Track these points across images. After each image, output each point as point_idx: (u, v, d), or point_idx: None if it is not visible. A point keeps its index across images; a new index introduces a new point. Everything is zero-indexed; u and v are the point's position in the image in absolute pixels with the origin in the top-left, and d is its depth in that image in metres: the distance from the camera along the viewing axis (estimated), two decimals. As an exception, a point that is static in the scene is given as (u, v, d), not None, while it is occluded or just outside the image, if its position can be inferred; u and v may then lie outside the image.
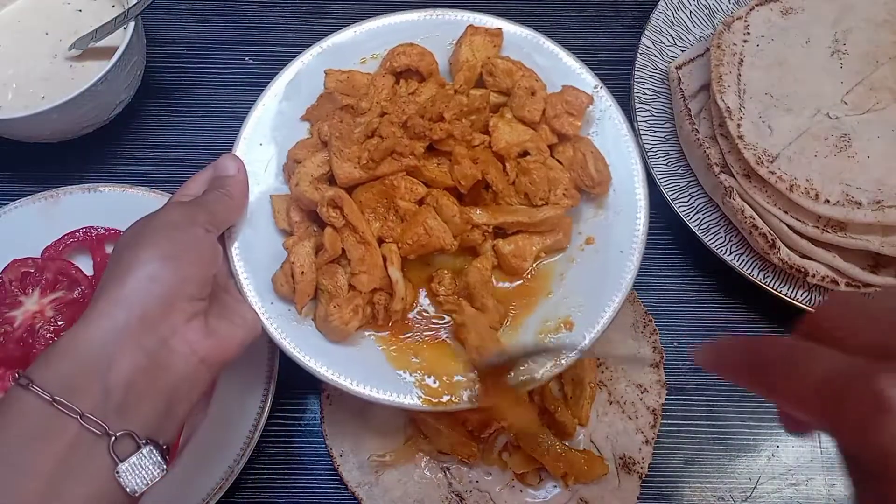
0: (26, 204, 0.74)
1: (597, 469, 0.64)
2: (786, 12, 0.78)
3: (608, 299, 0.59)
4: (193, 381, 0.49)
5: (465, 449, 0.65)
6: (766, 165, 0.70)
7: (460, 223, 0.59)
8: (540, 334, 0.60)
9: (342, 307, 0.57)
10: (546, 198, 0.61)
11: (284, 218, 0.62)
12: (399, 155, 0.59)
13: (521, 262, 0.61)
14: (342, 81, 0.65)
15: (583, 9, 0.92)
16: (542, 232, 0.62)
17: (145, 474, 0.45)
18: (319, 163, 0.61)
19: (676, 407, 0.71)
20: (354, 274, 0.58)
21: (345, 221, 0.59)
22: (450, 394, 0.57)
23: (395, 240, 0.59)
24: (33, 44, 0.79)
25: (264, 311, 0.59)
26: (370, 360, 0.59)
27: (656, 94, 0.81)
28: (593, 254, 0.62)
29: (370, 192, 0.60)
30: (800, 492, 0.68)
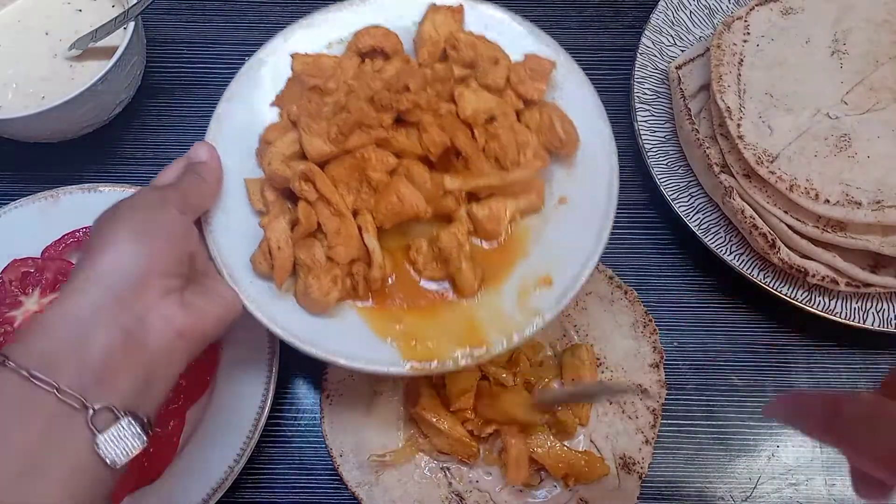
0: (26, 204, 0.74)
1: (597, 470, 0.64)
2: (786, 12, 0.78)
3: (586, 253, 0.60)
4: (171, 355, 0.50)
5: (465, 449, 0.65)
6: (766, 165, 0.70)
7: (432, 189, 0.60)
8: (520, 294, 0.60)
9: (320, 278, 0.58)
10: (516, 161, 0.62)
11: (259, 199, 0.63)
12: (368, 127, 0.60)
13: (495, 226, 0.62)
14: (309, 64, 0.66)
15: (583, 9, 0.92)
16: (514, 194, 0.62)
17: (125, 446, 0.45)
18: (290, 142, 0.62)
19: (676, 407, 0.71)
20: (331, 246, 0.59)
21: (318, 195, 0.59)
22: (437, 358, 0.57)
23: (370, 210, 0.60)
24: (33, 44, 0.79)
25: (244, 290, 0.59)
26: (353, 330, 0.59)
27: (656, 94, 0.81)
28: (567, 212, 0.63)
29: (342, 167, 0.60)
30: (800, 492, 0.68)
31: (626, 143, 0.83)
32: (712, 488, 0.69)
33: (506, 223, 0.62)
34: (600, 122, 0.65)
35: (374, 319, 0.60)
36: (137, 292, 0.48)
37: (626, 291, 0.73)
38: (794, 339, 0.74)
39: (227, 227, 0.61)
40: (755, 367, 0.73)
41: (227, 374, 0.68)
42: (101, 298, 0.47)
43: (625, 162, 0.81)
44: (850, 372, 0.73)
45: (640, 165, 0.79)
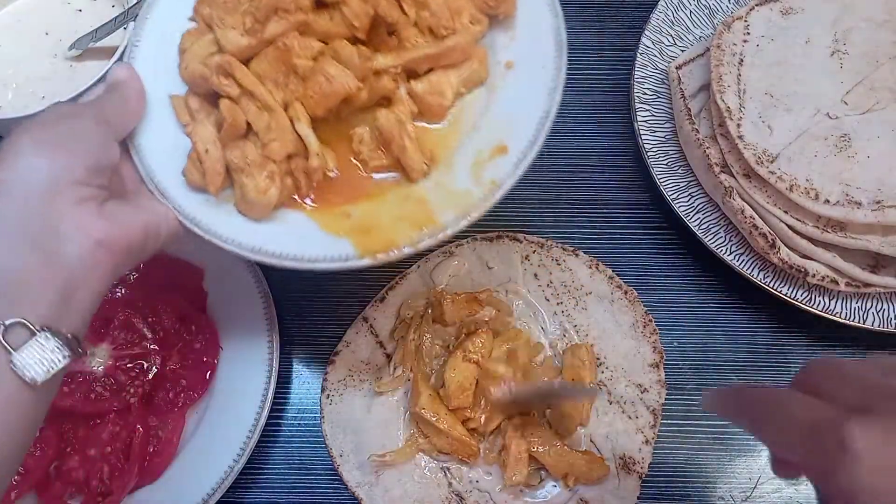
0: (26, 204, 0.74)
1: (597, 470, 0.64)
2: (786, 12, 0.78)
3: (540, 113, 0.56)
4: (91, 265, 0.47)
5: (465, 449, 0.65)
6: (766, 165, 0.70)
7: (361, 63, 0.56)
8: (474, 167, 0.56)
9: (255, 175, 0.54)
10: (451, 27, 0.58)
11: (185, 111, 0.59)
12: (285, 13, 0.56)
13: (439, 100, 0.58)
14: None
15: (583, 9, 0.92)
16: (455, 65, 0.59)
17: (44, 361, 0.42)
18: (207, 43, 0.58)
19: (676, 407, 0.71)
20: (265, 143, 0.55)
21: (240, 89, 0.56)
22: (394, 246, 0.53)
23: (299, 98, 0.56)
24: (33, 44, 0.79)
25: (179, 206, 0.55)
26: (302, 231, 0.56)
27: (656, 93, 0.81)
28: (515, 76, 0.59)
29: (265, 62, 0.56)
30: (800, 492, 0.68)
31: (626, 143, 0.83)
32: (712, 488, 0.69)
33: (450, 96, 0.59)
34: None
35: (323, 217, 0.56)
36: (47, 202, 0.45)
37: (626, 291, 0.73)
38: (794, 339, 0.74)
39: (156, 146, 0.57)
40: (755, 367, 0.73)
41: (227, 374, 0.68)
42: (5, 210, 0.44)
43: (625, 162, 0.82)
44: (850, 372, 0.73)
45: (641, 165, 0.79)
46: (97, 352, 0.67)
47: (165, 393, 0.67)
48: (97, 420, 0.66)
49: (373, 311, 0.73)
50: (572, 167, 0.82)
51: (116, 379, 0.67)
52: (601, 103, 0.86)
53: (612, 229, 0.79)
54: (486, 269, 0.74)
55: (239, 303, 0.70)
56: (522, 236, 0.75)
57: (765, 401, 0.40)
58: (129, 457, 0.64)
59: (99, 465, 0.64)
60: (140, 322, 0.69)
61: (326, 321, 0.75)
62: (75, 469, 0.64)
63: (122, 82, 0.56)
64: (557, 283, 0.73)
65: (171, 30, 0.61)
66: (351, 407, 0.69)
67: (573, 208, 0.80)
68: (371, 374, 0.70)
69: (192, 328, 0.69)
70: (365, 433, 0.68)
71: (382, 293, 0.73)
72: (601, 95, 0.87)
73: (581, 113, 0.83)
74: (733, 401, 0.43)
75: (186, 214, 0.55)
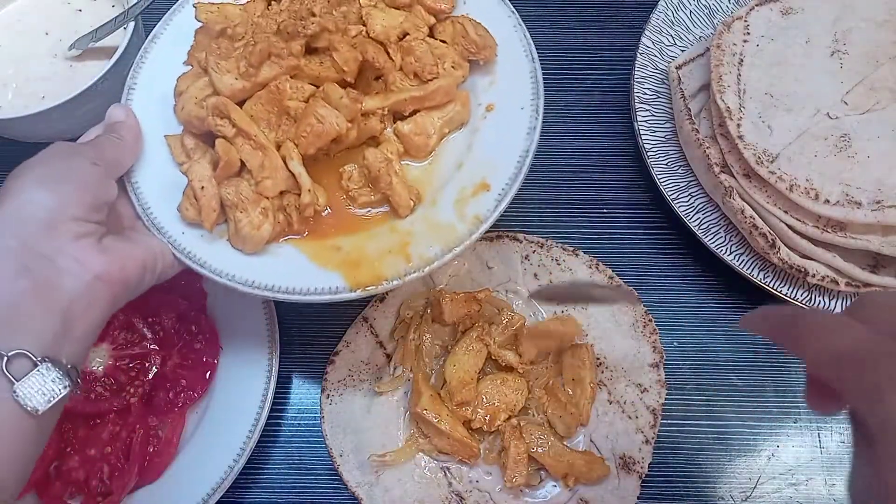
0: (26, 204, 0.74)
1: (597, 470, 0.64)
2: (786, 12, 0.78)
3: (519, 152, 0.59)
4: (90, 298, 0.48)
5: (465, 449, 0.65)
6: (766, 165, 0.70)
7: (350, 105, 0.59)
8: (458, 203, 0.59)
9: (249, 211, 0.57)
10: (435, 72, 0.62)
11: (181, 151, 0.62)
12: (278, 58, 0.59)
13: (424, 140, 0.61)
14: (214, 13, 0.64)
15: (583, 9, 0.92)
16: (439, 106, 0.62)
17: (45, 391, 0.44)
18: (202, 86, 0.61)
19: (676, 407, 0.71)
20: (258, 181, 0.58)
21: (235, 129, 0.58)
22: (383, 279, 0.56)
23: (291, 139, 0.59)
24: (33, 44, 0.79)
25: (175, 241, 0.58)
26: (293, 264, 0.58)
27: (656, 93, 0.81)
28: (496, 118, 0.63)
29: (258, 104, 0.60)
30: (800, 492, 0.68)
31: (627, 143, 0.83)
32: (712, 488, 0.69)
33: (434, 136, 0.62)
34: (512, 26, 0.65)
35: (313, 250, 0.59)
36: (46, 236, 0.47)
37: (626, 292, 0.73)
38: (794, 339, 0.74)
39: (152, 184, 0.60)
40: (755, 367, 0.73)
41: (227, 374, 0.68)
42: (6, 245, 0.46)
43: (625, 162, 0.82)
44: (850, 372, 0.73)
45: (641, 165, 0.79)
46: (97, 352, 0.68)
47: (165, 393, 0.67)
48: (97, 420, 0.66)
49: (373, 311, 0.73)
50: (572, 167, 0.82)
51: (116, 379, 0.67)
52: (601, 103, 0.86)
53: (612, 229, 0.79)
54: (486, 268, 0.74)
55: (239, 303, 0.70)
56: (522, 236, 0.75)
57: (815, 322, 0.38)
58: (129, 457, 0.64)
59: (99, 465, 0.64)
60: (140, 322, 0.69)
61: (326, 321, 0.75)
62: (75, 469, 0.64)
63: (121, 123, 0.59)
64: (557, 283, 0.73)
65: (167, 73, 0.65)
66: (351, 407, 0.69)
67: (573, 208, 0.80)
68: (371, 374, 0.70)
69: (192, 328, 0.69)
70: (365, 433, 0.68)
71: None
72: (601, 95, 0.87)
73: (581, 113, 0.83)
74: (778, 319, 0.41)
75: (182, 249, 0.58)
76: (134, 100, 0.64)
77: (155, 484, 0.64)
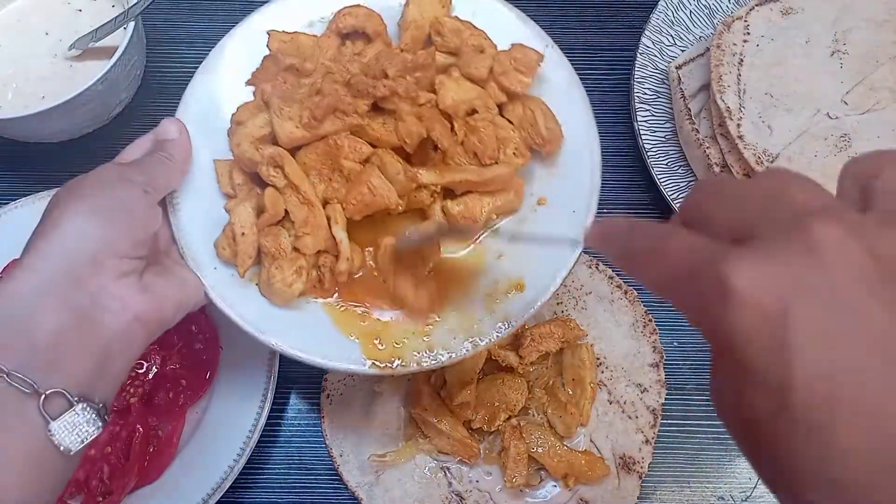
0: (26, 204, 0.74)
1: (598, 470, 0.64)
2: (786, 12, 0.78)
3: (559, 261, 0.57)
4: (127, 339, 0.48)
5: (465, 449, 0.65)
6: (766, 165, 0.70)
7: (405, 181, 0.57)
8: (489, 295, 0.58)
9: (284, 269, 0.56)
10: (495, 157, 0.59)
11: (228, 182, 0.60)
12: (342, 113, 0.58)
13: (471, 223, 0.60)
14: (286, 42, 0.63)
15: (583, 9, 0.92)
16: (492, 192, 0.60)
17: (79, 432, 0.44)
18: (261, 124, 0.60)
19: (676, 407, 0.71)
20: (298, 236, 0.57)
21: (286, 181, 0.57)
22: (400, 359, 0.56)
23: (340, 201, 0.58)
24: (33, 43, 0.79)
25: (206, 277, 0.57)
26: (316, 324, 0.58)
27: (656, 93, 0.81)
28: (545, 214, 0.61)
29: (314, 154, 0.58)
30: (800, 492, 0.68)
31: (626, 143, 0.83)
32: (712, 488, 0.69)
33: (481, 221, 0.60)
34: (587, 121, 0.62)
35: (338, 315, 0.58)
36: (91, 273, 0.47)
37: (626, 291, 0.73)
38: (794, 339, 0.74)
39: (193, 209, 0.59)
40: (755, 367, 0.73)
41: (227, 375, 0.68)
42: (50, 277, 0.45)
43: (625, 162, 0.82)
44: (850, 372, 0.73)
45: (641, 165, 0.79)
46: None
47: (165, 393, 0.67)
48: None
49: None
50: (572, 167, 0.82)
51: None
52: (601, 103, 0.86)
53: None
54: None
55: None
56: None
57: (641, 235, 0.33)
58: (129, 457, 0.64)
59: (99, 465, 0.64)
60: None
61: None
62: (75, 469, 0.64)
63: (172, 141, 0.57)
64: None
65: (225, 89, 0.63)
66: (351, 407, 0.69)
67: (573, 208, 0.80)
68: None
69: (192, 328, 0.69)
70: (365, 433, 0.68)
71: None
72: (601, 95, 0.86)
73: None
74: (610, 233, 0.36)
75: (213, 287, 0.57)
76: (188, 113, 0.62)
77: (155, 484, 0.64)
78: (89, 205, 0.49)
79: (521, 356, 0.68)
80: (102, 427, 0.45)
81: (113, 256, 0.48)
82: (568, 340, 0.69)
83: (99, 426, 0.45)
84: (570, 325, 0.69)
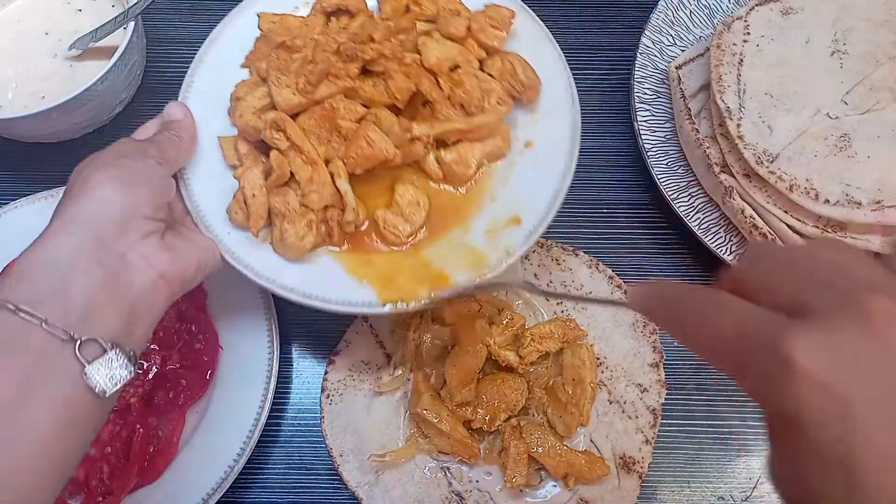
0: (26, 204, 0.74)
1: (597, 469, 0.64)
2: (786, 12, 0.78)
3: (552, 192, 0.62)
4: (153, 294, 0.51)
5: (465, 449, 0.65)
6: (766, 165, 0.70)
7: (400, 133, 0.61)
8: (490, 232, 0.62)
9: (295, 223, 0.60)
10: (481, 106, 0.64)
11: (233, 154, 0.65)
12: (335, 78, 0.62)
13: (464, 169, 0.64)
14: (276, 23, 0.68)
15: (583, 9, 0.92)
16: (481, 139, 0.65)
17: (114, 375, 0.47)
18: (260, 96, 0.64)
19: (676, 407, 0.71)
20: (305, 194, 0.61)
21: (289, 143, 0.61)
22: (412, 297, 0.60)
23: (341, 157, 0.62)
24: (33, 43, 0.79)
25: (221, 241, 0.61)
26: (330, 274, 0.61)
27: (656, 93, 0.81)
28: (533, 155, 0.66)
29: (312, 118, 0.62)
30: (800, 492, 0.68)
31: (627, 143, 0.83)
32: (712, 488, 0.69)
33: (473, 167, 0.64)
34: (559, 67, 0.68)
35: (350, 263, 0.62)
36: (119, 234, 0.50)
37: (626, 291, 0.73)
38: (794, 339, 0.74)
39: (202, 182, 0.63)
40: (755, 367, 0.73)
41: (227, 374, 0.68)
42: (82, 240, 0.49)
43: (625, 162, 0.82)
44: (850, 372, 0.73)
45: (641, 165, 0.79)
46: None
47: (165, 393, 0.67)
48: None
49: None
50: (572, 167, 0.82)
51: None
52: (601, 103, 0.86)
53: (612, 229, 0.79)
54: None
55: (239, 303, 0.70)
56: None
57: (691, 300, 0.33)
58: (129, 456, 0.64)
59: (99, 465, 0.64)
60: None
61: (326, 321, 0.75)
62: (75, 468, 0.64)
63: (179, 122, 0.62)
64: (557, 282, 0.73)
65: (222, 74, 0.68)
66: (351, 407, 0.69)
67: (573, 208, 0.80)
68: (371, 374, 0.70)
69: (192, 328, 0.69)
70: (365, 433, 0.68)
71: None
72: (601, 95, 0.87)
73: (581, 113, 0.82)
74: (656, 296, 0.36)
75: (228, 250, 0.61)
76: (191, 97, 0.67)
77: (155, 484, 0.64)
78: (112, 175, 0.52)
79: (522, 356, 0.68)
80: (133, 372, 0.48)
81: (136, 219, 0.52)
82: (568, 340, 0.69)
83: (131, 370, 0.48)
84: (570, 325, 0.69)
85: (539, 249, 0.74)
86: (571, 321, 0.70)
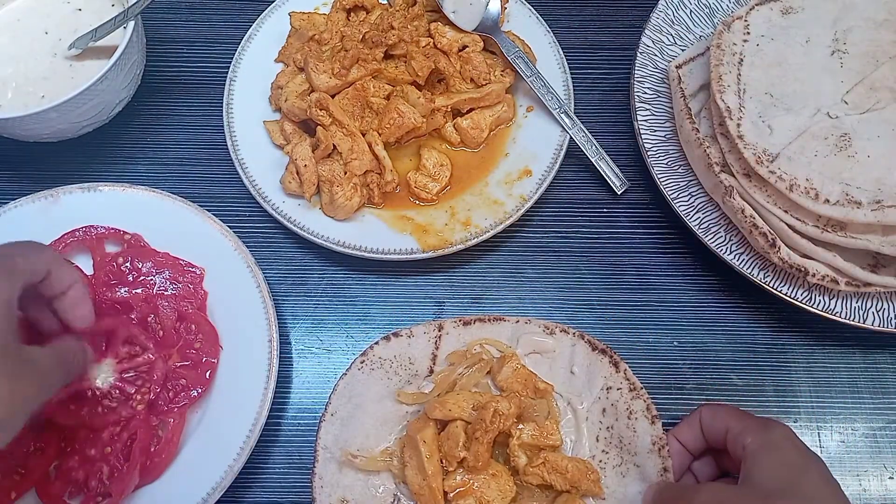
0: (26, 203, 0.74)
1: None
2: (786, 12, 0.78)
3: (556, 144, 0.77)
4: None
5: (429, 501, 0.61)
6: (765, 165, 0.70)
7: (425, 104, 0.75)
8: (505, 184, 0.76)
9: (344, 186, 0.72)
10: (488, 79, 0.79)
11: (279, 135, 0.78)
12: (363, 62, 0.76)
13: (479, 132, 0.79)
14: (305, 20, 0.83)
15: (583, 8, 0.92)
16: (490, 105, 0.79)
17: None
18: (300, 82, 0.78)
19: (677, 407, 0.71)
20: (347, 162, 0.73)
21: (331, 119, 0.74)
22: (449, 242, 0.72)
23: (375, 129, 0.75)
24: (33, 43, 0.79)
25: (278, 208, 0.73)
26: (373, 229, 0.74)
27: (656, 93, 0.81)
28: (535, 117, 0.80)
29: (346, 99, 0.76)
30: (800, 491, 0.68)
31: (627, 143, 0.83)
32: (712, 488, 0.68)
33: (486, 130, 0.79)
34: (549, 40, 0.83)
35: (390, 219, 0.75)
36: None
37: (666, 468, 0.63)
38: (794, 339, 0.74)
39: (256, 161, 0.76)
40: (755, 367, 0.73)
41: (227, 374, 0.68)
42: None
43: (625, 161, 0.82)
44: (849, 371, 0.73)
45: (641, 165, 0.79)
46: (102, 368, 0.67)
47: (165, 393, 0.67)
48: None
49: (453, 326, 0.70)
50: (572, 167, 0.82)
51: (123, 391, 0.66)
52: (601, 103, 0.86)
53: (612, 229, 0.79)
54: (569, 371, 0.68)
55: (239, 303, 0.70)
56: (623, 366, 0.67)
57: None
58: (130, 457, 0.64)
59: (99, 465, 0.64)
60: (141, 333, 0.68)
61: (326, 321, 0.75)
62: (75, 469, 0.64)
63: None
64: (616, 433, 0.65)
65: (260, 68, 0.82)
66: (370, 386, 0.67)
67: (573, 208, 0.80)
68: (408, 374, 0.68)
69: (192, 328, 0.69)
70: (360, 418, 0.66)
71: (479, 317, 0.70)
72: (601, 95, 0.87)
73: (581, 112, 0.83)
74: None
75: (286, 215, 0.73)
76: (236, 89, 0.80)
77: (155, 484, 0.64)
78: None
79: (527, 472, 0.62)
80: None
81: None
82: (577, 488, 0.62)
83: None
84: (590, 475, 0.63)
85: (627, 393, 0.66)
86: (594, 472, 0.63)
